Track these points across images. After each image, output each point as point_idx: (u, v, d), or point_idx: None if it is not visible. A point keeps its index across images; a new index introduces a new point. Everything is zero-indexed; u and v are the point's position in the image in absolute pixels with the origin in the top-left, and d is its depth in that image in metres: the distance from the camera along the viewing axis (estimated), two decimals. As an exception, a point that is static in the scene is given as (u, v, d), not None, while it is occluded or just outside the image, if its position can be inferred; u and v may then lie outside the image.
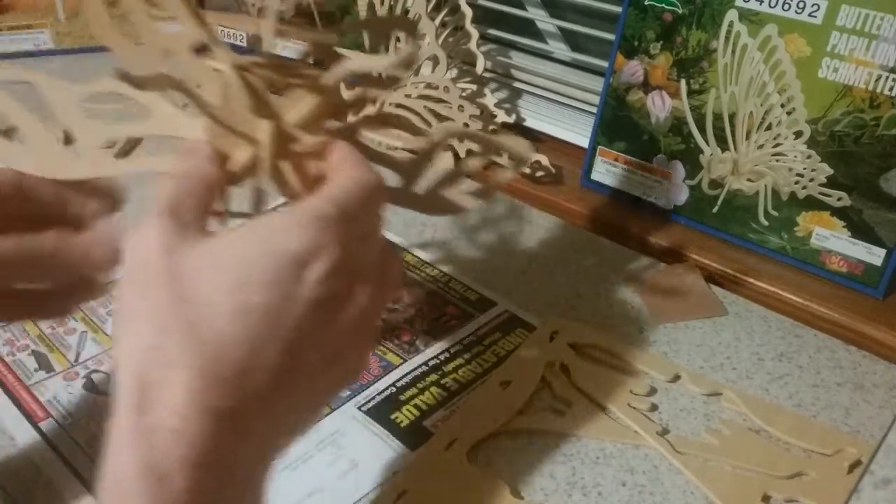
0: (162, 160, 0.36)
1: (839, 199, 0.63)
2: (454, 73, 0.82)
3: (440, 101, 0.76)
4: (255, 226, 0.30)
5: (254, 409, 0.28)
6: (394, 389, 0.52)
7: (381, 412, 0.50)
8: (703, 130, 0.68)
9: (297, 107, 0.35)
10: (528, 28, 0.89)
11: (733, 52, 0.64)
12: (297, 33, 0.36)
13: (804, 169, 0.63)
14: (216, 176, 0.33)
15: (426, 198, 0.42)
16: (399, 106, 0.76)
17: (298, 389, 0.30)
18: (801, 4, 0.60)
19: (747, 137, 0.66)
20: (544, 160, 0.76)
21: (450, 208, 0.42)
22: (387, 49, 0.77)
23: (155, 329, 0.27)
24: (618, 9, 0.71)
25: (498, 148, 0.43)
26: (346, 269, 0.31)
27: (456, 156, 0.71)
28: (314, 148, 0.35)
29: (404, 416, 0.50)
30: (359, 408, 0.50)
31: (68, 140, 0.36)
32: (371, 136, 0.39)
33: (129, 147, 0.37)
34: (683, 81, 0.67)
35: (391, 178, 0.37)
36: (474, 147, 0.43)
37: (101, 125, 0.36)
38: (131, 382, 0.27)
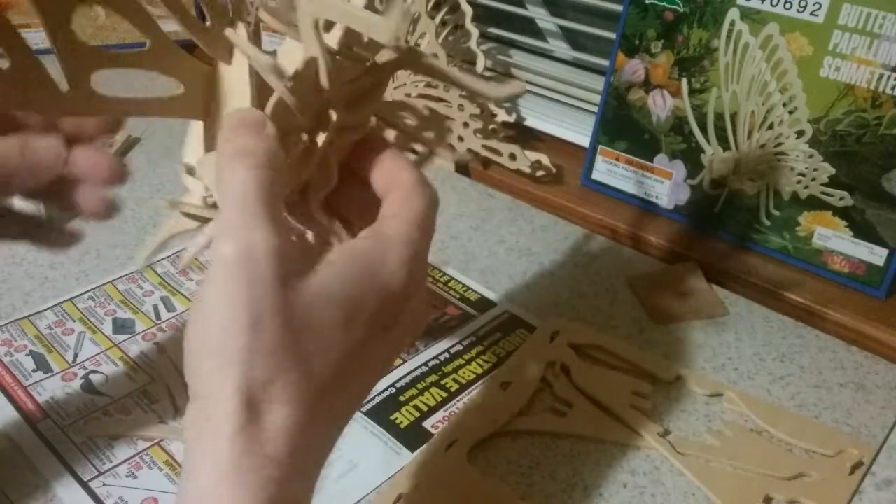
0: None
1: (841, 199, 0.62)
2: (454, 71, 0.81)
3: (440, 99, 0.76)
4: (359, 258, 0.29)
5: (335, 424, 0.31)
6: (393, 390, 0.51)
7: (381, 413, 0.50)
8: (704, 130, 0.68)
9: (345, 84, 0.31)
10: (529, 26, 0.89)
11: (735, 51, 0.64)
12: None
13: (806, 168, 0.63)
14: (283, 161, 0.29)
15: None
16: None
17: (362, 392, 0.33)
18: (802, 3, 0.60)
19: (749, 137, 0.66)
20: (545, 159, 0.76)
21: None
22: None
23: (270, 365, 0.27)
24: (619, 7, 0.71)
25: (460, 86, 0.36)
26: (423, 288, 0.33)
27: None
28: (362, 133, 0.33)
29: (404, 416, 0.49)
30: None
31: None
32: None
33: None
34: (685, 80, 0.67)
35: None
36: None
37: None
38: (239, 410, 0.27)
